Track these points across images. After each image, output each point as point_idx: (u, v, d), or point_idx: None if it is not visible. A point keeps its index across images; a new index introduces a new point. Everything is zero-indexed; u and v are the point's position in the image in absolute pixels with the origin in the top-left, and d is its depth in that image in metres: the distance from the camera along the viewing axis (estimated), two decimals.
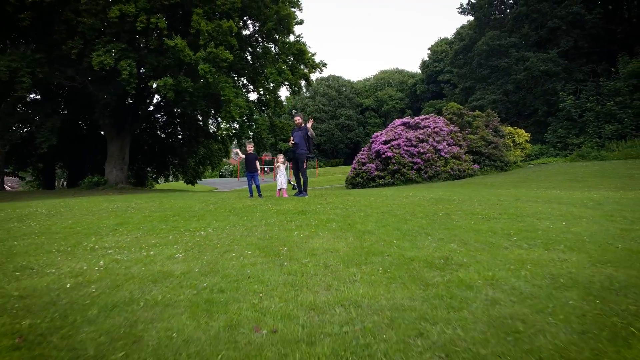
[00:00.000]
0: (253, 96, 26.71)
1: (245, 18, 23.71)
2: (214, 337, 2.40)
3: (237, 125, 23.96)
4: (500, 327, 2.43)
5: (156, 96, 25.77)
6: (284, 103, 39.88)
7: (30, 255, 4.59)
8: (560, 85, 35.26)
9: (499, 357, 2.12)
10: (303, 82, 25.98)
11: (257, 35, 24.62)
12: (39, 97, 24.93)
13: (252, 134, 24.92)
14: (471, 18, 46.81)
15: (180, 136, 32.33)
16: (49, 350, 2.29)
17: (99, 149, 31.64)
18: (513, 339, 2.29)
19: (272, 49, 24.27)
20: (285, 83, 24.16)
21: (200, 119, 29.25)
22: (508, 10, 42.40)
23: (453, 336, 2.33)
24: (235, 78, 25.10)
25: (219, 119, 27.89)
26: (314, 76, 26.88)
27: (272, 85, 24.42)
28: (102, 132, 31.91)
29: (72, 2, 18.52)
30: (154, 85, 19.18)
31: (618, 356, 2.13)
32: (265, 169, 43.31)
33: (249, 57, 25.32)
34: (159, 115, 29.82)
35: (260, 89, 25.65)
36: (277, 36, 23.46)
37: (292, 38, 23.88)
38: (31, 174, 38.96)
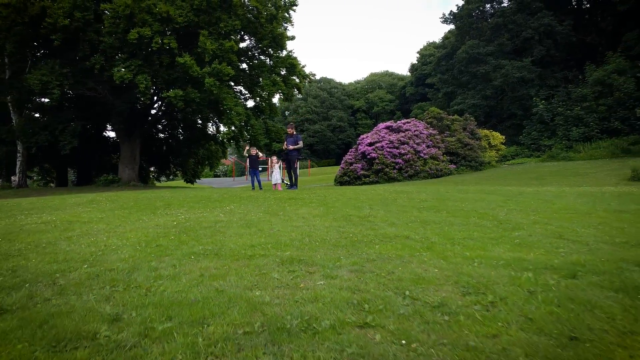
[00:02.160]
0: (250, 103, 29.56)
1: (242, 33, 26.70)
2: (241, 233, 5.32)
3: (236, 129, 26.80)
4: (376, 230, 5.36)
5: (159, 102, 28.61)
6: (278, 105, 42.74)
7: (141, 212, 7.55)
8: (534, 91, 38.31)
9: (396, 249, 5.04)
10: (295, 91, 29.09)
11: (253, 50, 27.68)
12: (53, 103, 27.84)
13: (249, 137, 27.76)
14: (453, 27, 49.80)
15: (181, 138, 35.14)
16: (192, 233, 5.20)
17: (106, 150, 34.74)
18: (381, 237, 5.21)
19: (267, 61, 27.29)
20: (279, 92, 27.19)
21: (200, 122, 32.25)
22: (488, 20, 45.16)
23: (359, 232, 5.27)
24: (234, 86, 28.03)
25: (219, 122, 31.02)
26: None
27: (266, 94, 27.45)
28: (108, 135, 35.00)
29: (94, 24, 21.47)
30: (166, 96, 22.03)
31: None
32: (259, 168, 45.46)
33: (245, 67, 28.25)
34: (164, 120, 32.72)
35: (257, 97, 28.69)
36: (271, 51, 26.52)
37: (284, 53, 26.93)
38: (37, 174, 41.79)
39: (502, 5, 45.11)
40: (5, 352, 2.06)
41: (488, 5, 46.58)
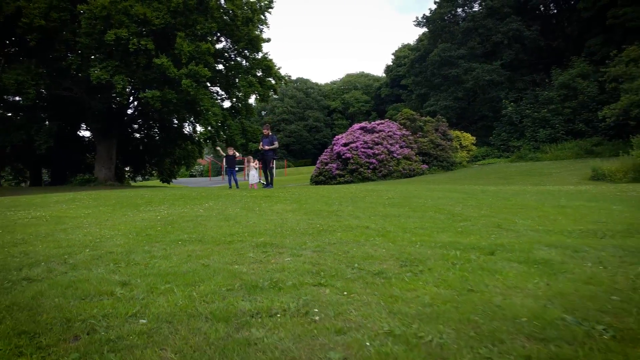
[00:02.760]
0: (227, 103, 30.05)
1: (219, 35, 27.20)
2: (221, 225, 5.95)
3: (213, 130, 27.26)
4: (341, 222, 6.06)
5: (135, 103, 28.86)
6: (254, 106, 43.21)
7: (125, 208, 8.08)
8: (503, 93, 39.77)
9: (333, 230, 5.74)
10: (271, 92, 29.71)
11: (230, 52, 28.21)
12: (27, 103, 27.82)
13: (225, 137, 28.21)
14: (426, 30, 51.00)
15: (157, 138, 35.36)
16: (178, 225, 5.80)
17: (80, 150, 34.72)
18: (345, 227, 5.91)
19: (243, 63, 27.88)
20: (255, 93, 27.78)
21: (177, 122, 32.57)
22: (460, 23, 46.34)
23: (326, 223, 5.95)
24: (211, 87, 28.48)
25: (196, 123, 31.40)
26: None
27: (242, 95, 28.01)
28: (82, 135, 35.01)
29: (70, 25, 21.70)
30: (144, 97, 22.40)
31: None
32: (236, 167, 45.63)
33: (222, 68, 28.73)
34: (140, 120, 32.92)
35: (233, 98, 29.23)
36: (247, 52, 27.12)
37: (260, 55, 27.55)
38: (9, 173, 41.40)
39: (473, 10, 46.52)
40: (47, 304, 2.66)
41: (460, 10, 47.90)
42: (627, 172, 18.11)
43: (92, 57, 22.69)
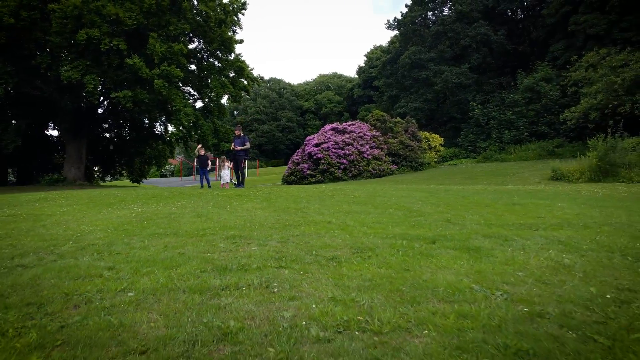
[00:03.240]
0: (199, 104, 30.22)
1: (191, 35, 27.38)
2: (194, 221, 6.38)
3: (185, 130, 27.41)
4: (306, 217, 6.55)
5: (106, 102, 28.77)
6: (226, 105, 43.33)
7: (99, 207, 8.38)
8: (471, 95, 40.92)
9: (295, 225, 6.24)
10: (243, 93, 30.02)
11: (202, 52, 28.42)
12: None
13: (197, 137, 28.38)
14: (398, 32, 51.92)
15: (128, 137, 35.14)
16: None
17: (48, 149, 34.31)
18: (309, 222, 6.41)
19: (216, 64, 28.13)
20: (227, 94, 28.06)
21: (148, 122, 32.51)
22: (430, 27, 47.34)
23: (292, 219, 6.44)
24: (183, 87, 28.62)
25: (167, 122, 31.45)
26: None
27: (215, 95, 28.23)
28: (50, 134, 34.59)
29: (40, 23, 21.58)
30: (115, 96, 22.44)
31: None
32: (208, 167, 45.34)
33: (194, 69, 28.90)
34: (110, 119, 32.75)
35: (206, 98, 29.41)
36: (220, 53, 27.39)
37: (233, 56, 27.85)
38: None
39: (443, 14, 47.60)
40: (45, 284, 3.08)
41: (430, 14, 48.91)
42: (583, 173, 19.10)
43: (63, 56, 22.57)
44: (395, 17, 50.03)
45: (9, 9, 20.01)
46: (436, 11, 48.73)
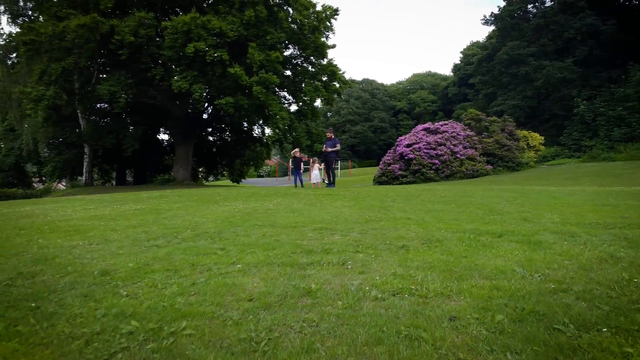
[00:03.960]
0: (293, 107, 31.81)
1: (287, 43, 28.95)
2: (287, 215, 7.19)
3: (280, 132, 29.03)
4: (388, 214, 7.11)
5: (210, 108, 31.27)
6: (320, 107, 44.80)
7: (206, 203, 9.64)
8: (575, 91, 38.52)
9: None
10: (335, 95, 31.14)
11: (297, 58, 29.96)
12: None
13: (292, 139, 29.90)
14: (495, 28, 50.23)
15: (229, 140, 37.80)
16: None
17: (160, 152, 37.94)
18: (389, 218, 6.97)
19: (309, 68, 29.53)
20: (320, 97, 29.29)
21: (247, 125, 34.79)
22: (531, 20, 45.21)
23: (374, 215, 7.05)
24: (279, 92, 30.35)
25: (264, 126, 33.51)
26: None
27: (309, 99, 29.59)
28: (161, 138, 38.19)
29: (155, 40, 24.21)
30: (219, 103, 24.56)
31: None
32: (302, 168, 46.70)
33: (289, 74, 30.48)
34: (214, 124, 35.52)
35: (300, 102, 30.90)
36: (313, 59, 28.74)
37: (325, 61, 29.10)
38: (96, 174, 45.49)
39: (545, 6, 45.29)
40: (176, 258, 4.04)
41: (530, 6, 46.75)
42: None
43: (174, 67, 25.12)
44: (492, 12, 48.50)
45: (129, 28, 22.69)
46: (537, 3, 46.37)
